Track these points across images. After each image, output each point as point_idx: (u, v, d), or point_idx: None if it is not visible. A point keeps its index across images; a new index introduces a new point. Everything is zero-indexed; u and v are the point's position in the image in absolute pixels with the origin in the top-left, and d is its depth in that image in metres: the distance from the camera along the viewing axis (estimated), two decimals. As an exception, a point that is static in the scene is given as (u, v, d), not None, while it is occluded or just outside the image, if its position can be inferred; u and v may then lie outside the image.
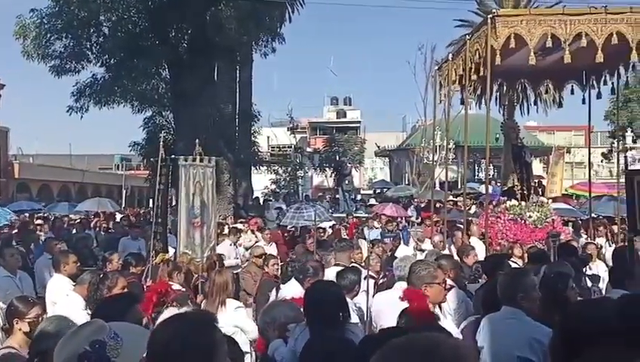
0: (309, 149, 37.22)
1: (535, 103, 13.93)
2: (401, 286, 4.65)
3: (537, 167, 31.69)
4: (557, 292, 4.11)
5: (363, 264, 6.73)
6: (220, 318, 4.74)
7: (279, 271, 6.94)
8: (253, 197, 21.51)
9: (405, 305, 3.65)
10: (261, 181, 28.12)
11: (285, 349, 3.26)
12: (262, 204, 20.71)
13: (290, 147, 34.50)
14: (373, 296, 4.99)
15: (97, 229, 14.84)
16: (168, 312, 3.82)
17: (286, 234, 12.74)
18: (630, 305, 3.25)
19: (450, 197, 18.08)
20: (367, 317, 4.52)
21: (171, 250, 8.02)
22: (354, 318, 3.85)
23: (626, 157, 14.36)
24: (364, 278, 5.64)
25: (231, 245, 10.33)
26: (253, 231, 11.97)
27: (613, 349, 2.51)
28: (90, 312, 4.07)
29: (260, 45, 18.52)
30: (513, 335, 3.31)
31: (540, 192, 14.29)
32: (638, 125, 31.87)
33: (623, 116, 30.39)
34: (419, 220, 15.99)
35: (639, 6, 7.93)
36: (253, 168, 23.40)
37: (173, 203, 11.27)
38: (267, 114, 45.45)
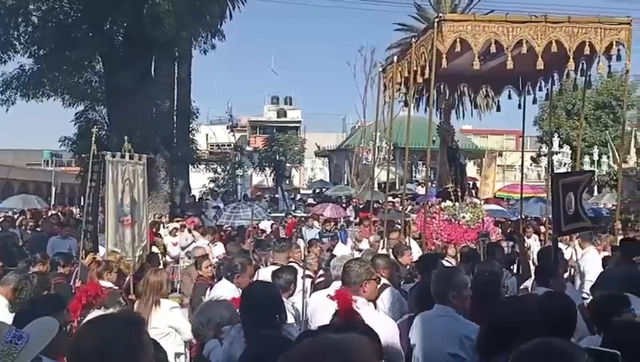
0: (248, 148, 36.94)
1: (477, 107, 14.38)
2: (338, 285, 4.67)
3: (471, 170, 32.79)
4: (488, 290, 4.25)
5: (301, 263, 6.75)
6: (154, 319, 4.67)
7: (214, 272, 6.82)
8: (190, 195, 21.11)
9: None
10: (199, 179, 27.65)
11: (220, 350, 3.20)
12: (198, 202, 20.38)
13: (230, 145, 34.07)
14: (310, 295, 4.99)
15: (23, 228, 14.13)
16: (94, 314, 3.67)
17: (222, 234, 12.57)
18: (552, 303, 3.42)
19: (389, 198, 18.40)
20: (304, 317, 4.52)
21: (102, 250, 7.74)
22: (290, 318, 3.84)
23: (551, 160, 15.04)
24: (302, 278, 5.64)
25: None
26: (190, 231, 11.75)
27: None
28: (13, 314, 3.87)
29: (200, 41, 18.20)
30: (444, 332, 3.39)
31: (474, 194, 14.76)
32: (563, 131, 33.49)
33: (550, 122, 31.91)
34: (357, 220, 16.18)
35: (577, 16, 8.34)
36: (191, 166, 22.99)
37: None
38: (206, 111, 44.86)
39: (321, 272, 7.20)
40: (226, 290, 4.73)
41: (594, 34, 7.82)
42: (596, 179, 27.79)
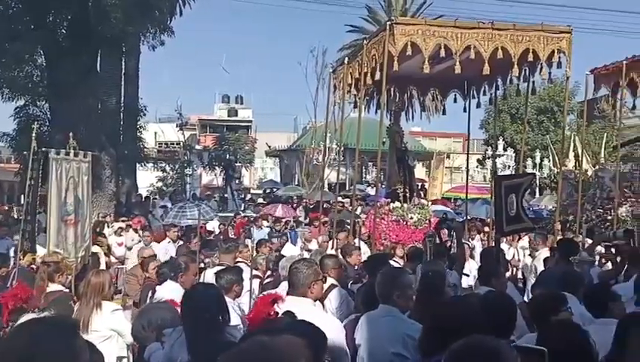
0: (198, 147, 36.40)
1: (423, 110, 14.64)
2: (286, 285, 4.66)
3: (420, 171, 33.38)
4: (434, 290, 4.33)
5: (250, 263, 6.70)
6: (95, 321, 4.52)
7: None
8: (137, 194, 20.61)
9: (287, 305, 3.65)
10: (147, 178, 27.04)
11: (161, 354, 3.13)
12: (145, 201, 19.93)
13: (179, 144, 33.45)
14: (258, 295, 4.95)
15: (-44, 227, 13.43)
16: (26, 318, 3.52)
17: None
18: (493, 302, 3.51)
19: (339, 199, 18.51)
20: (250, 318, 4.48)
21: (41, 249, 7.44)
22: (235, 320, 3.79)
23: (495, 163, 15.53)
24: (250, 278, 5.58)
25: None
26: (136, 230, 11.48)
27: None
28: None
29: (148, 37, 17.79)
30: (388, 332, 3.42)
31: (422, 195, 15.02)
32: (508, 135, 34.54)
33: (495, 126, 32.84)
34: (307, 220, 16.19)
35: (522, 24, 8.62)
36: (138, 165, 22.45)
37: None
38: (155, 109, 43.89)
39: (269, 273, 7.19)
40: (169, 291, 4.63)
41: (537, 41, 8.11)
42: (538, 181, 28.80)
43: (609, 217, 10.56)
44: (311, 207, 20.00)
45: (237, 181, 21.25)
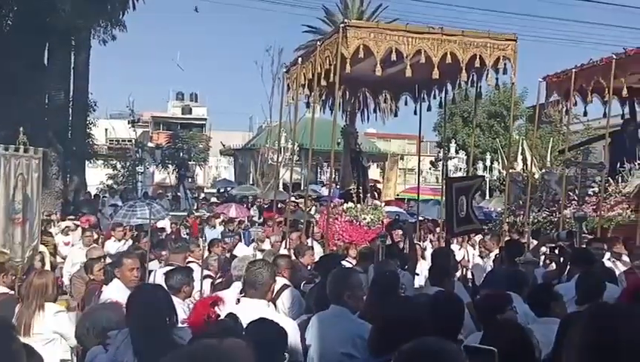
0: (150, 144, 35.61)
1: (375, 111, 14.81)
2: (238, 286, 4.62)
3: (375, 172, 33.68)
4: (387, 290, 4.38)
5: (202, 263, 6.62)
6: (37, 324, 4.36)
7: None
8: (86, 192, 20.05)
9: (242, 306, 3.62)
10: (97, 176, 26.32)
11: (105, 357, 3.04)
12: (94, 199, 19.40)
13: (131, 141, 32.69)
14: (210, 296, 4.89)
15: None
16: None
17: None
18: (441, 302, 3.58)
19: (293, 198, 18.50)
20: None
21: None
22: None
23: (446, 165, 15.91)
24: (201, 278, 5.51)
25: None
26: (84, 230, 11.14)
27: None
28: None
29: (99, 31, 17.35)
30: (338, 332, 3.44)
31: (377, 196, 15.16)
32: (460, 137, 35.29)
33: (448, 128, 33.50)
34: (261, 220, 16.11)
35: (470, 29, 8.84)
36: (87, 162, 21.86)
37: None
38: (106, 105, 42.76)
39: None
40: (116, 291, 4.51)
41: (484, 48, 8.36)
42: (488, 183, 29.54)
43: (554, 219, 10.91)
44: (265, 206, 19.92)
45: (190, 180, 20.95)
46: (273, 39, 74.41)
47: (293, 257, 7.26)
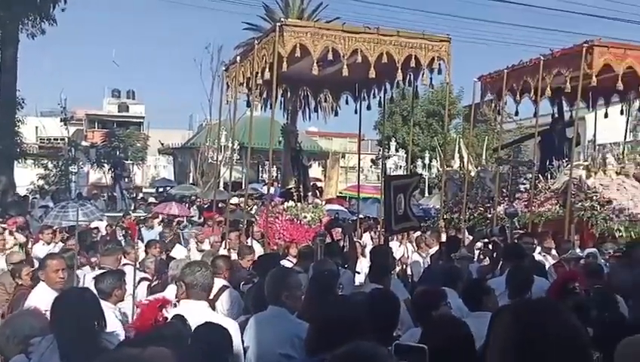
0: (85, 143, 34.35)
1: (316, 110, 14.81)
2: (174, 288, 4.49)
3: (316, 170, 33.80)
4: (325, 289, 4.38)
5: (138, 265, 6.43)
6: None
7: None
8: (15, 193, 19.12)
9: (181, 308, 3.53)
10: (27, 176, 25.16)
11: (27, 366, 2.88)
12: (23, 200, 18.51)
13: (63, 140, 31.40)
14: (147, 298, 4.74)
15: None
16: None
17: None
18: (377, 300, 3.61)
19: (235, 198, 18.31)
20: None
21: None
22: (114, 326, 3.60)
23: (384, 163, 16.19)
24: (138, 281, 5.35)
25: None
26: (11, 233, 10.59)
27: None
28: None
29: (27, 25, 16.57)
30: (276, 333, 3.41)
31: (318, 194, 15.20)
32: (400, 136, 35.93)
33: (388, 127, 34.04)
34: (201, 220, 15.84)
35: (405, 30, 8.99)
36: (16, 161, 20.85)
37: None
38: (35, 102, 40.92)
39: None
40: (42, 294, 4.28)
41: (419, 48, 8.54)
42: (427, 181, 30.22)
43: (489, 215, 11.27)
44: (205, 206, 19.61)
45: (127, 179, 20.32)
46: (213, 36, 73.19)
47: (235, 257, 7.18)
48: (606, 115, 12.68)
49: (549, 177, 10.90)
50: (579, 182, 10.18)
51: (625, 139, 12.62)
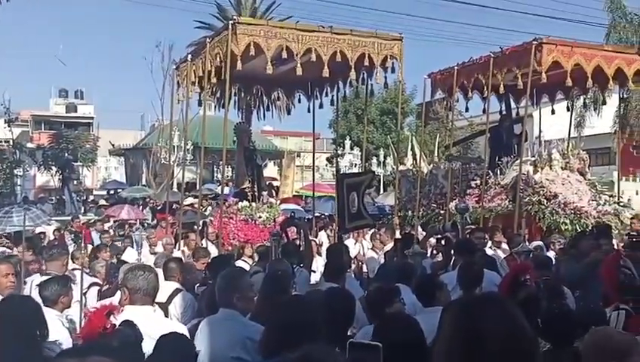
0: (30, 145, 33.19)
1: (268, 109, 14.73)
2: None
3: (273, 170, 33.68)
4: (278, 289, 4.34)
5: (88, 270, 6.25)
6: None
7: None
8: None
9: (127, 314, 3.43)
10: (-33, 180, 24.18)
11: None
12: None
13: (7, 142, 30.22)
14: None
15: None
16: None
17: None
18: (333, 299, 3.61)
19: (189, 199, 18.03)
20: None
21: None
22: (59, 334, 3.47)
23: (337, 161, 16.37)
24: (82, 287, 5.17)
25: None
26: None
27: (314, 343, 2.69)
28: None
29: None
30: (228, 336, 3.36)
31: (274, 193, 15.10)
32: (354, 134, 36.18)
33: (343, 125, 34.23)
34: (154, 222, 15.54)
35: (359, 29, 9.03)
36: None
37: None
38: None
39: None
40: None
41: (372, 47, 8.60)
42: (382, 178, 30.53)
43: (442, 211, 11.45)
44: (158, 208, 19.25)
45: (76, 182, 19.70)
46: (164, 35, 71.98)
47: (190, 259, 7.07)
48: (552, 112, 13.10)
49: (498, 173, 11.16)
50: (527, 178, 10.47)
51: (569, 135, 13.04)
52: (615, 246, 7.81)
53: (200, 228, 9.97)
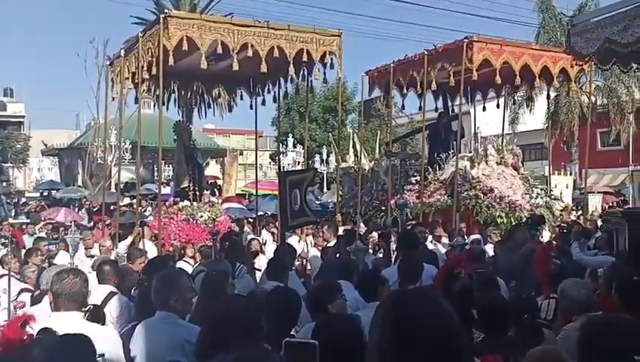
0: (-45, 146, 31.52)
1: (210, 106, 14.48)
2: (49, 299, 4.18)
3: (215, 168, 33.18)
4: (215, 289, 4.27)
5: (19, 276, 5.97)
6: None
7: None
8: None
9: (52, 322, 3.27)
10: None
11: None
12: None
13: None
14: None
15: None
16: None
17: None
18: (275, 297, 3.58)
19: (127, 199, 17.51)
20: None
21: None
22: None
23: (279, 159, 16.34)
24: (19, 292, 4.95)
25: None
26: None
27: (251, 346, 2.64)
28: None
29: None
30: (165, 339, 3.26)
31: (217, 192, 14.87)
32: (297, 131, 36.18)
33: (285, 123, 34.17)
34: (91, 224, 15.02)
35: (296, 24, 8.99)
36: None
37: None
38: None
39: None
40: None
41: (311, 43, 8.59)
42: (325, 176, 30.67)
43: (383, 207, 11.61)
44: (95, 209, 18.61)
45: (5, 183, 18.78)
46: (100, 30, 69.57)
47: (126, 262, 6.84)
48: (484, 109, 13.51)
49: (437, 169, 11.41)
50: (464, 173, 10.75)
51: (503, 131, 13.49)
52: (547, 238, 8.14)
53: (136, 229, 9.68)
